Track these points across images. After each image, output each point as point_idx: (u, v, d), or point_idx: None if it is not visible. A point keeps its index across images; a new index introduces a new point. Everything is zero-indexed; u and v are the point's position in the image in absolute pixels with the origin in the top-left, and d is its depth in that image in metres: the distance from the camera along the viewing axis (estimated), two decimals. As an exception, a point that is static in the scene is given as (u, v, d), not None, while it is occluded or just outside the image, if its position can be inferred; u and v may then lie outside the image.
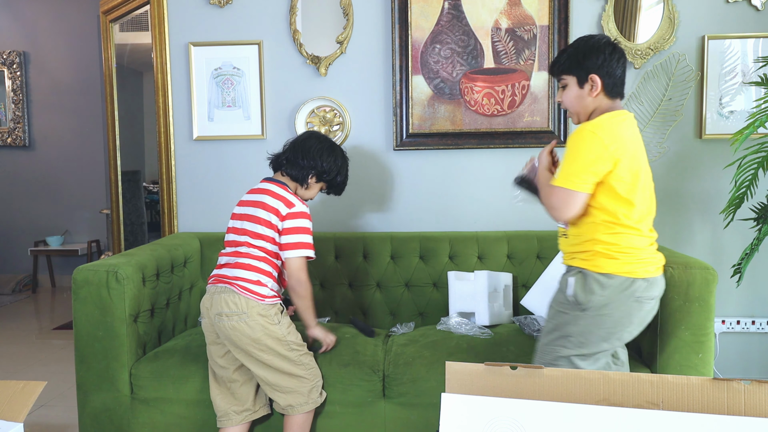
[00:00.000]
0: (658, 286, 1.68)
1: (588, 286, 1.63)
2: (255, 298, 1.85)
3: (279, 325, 1.88)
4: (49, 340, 3.86)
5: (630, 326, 1.66)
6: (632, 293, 1.62)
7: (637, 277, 1.62)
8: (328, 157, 2.00)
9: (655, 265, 1.67)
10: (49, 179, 5.46)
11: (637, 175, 1.62)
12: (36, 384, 1.53)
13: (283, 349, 1.87)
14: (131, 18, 3.17)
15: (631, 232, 1.63)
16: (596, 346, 1.66)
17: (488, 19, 2.64)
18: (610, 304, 1.63)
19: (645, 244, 1.66)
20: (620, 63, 1.68)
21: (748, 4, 2.60)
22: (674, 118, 2.64)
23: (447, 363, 0.99)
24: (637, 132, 1.70)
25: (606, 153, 1.58)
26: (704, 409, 0.90)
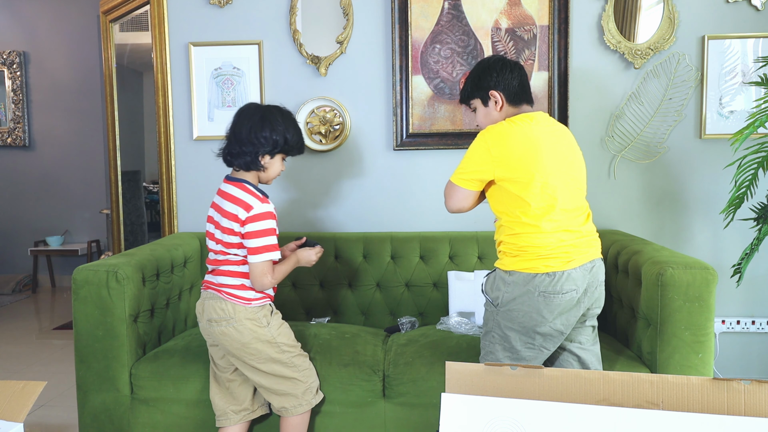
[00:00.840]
0: (571, 280, 1.67)
1: (495, 284, 1.76)
2: (241, 302, 1.82)
3: (268, 327, 1.85)
4: (49, 340, 3.86)
5: (544, 321, 1.68)
6: (535, 288, 1.67)
7: (538, 273, 1.67)
8: (264, 130, 1.82)
9: (562, 260, 1.67)
10: (49, 179, 5.46)
11: (530, 174, 1.67)
12: (36, 384, 1.53)
13: (273, 352, 1.85)
14: (131, 18, 3.17)
15: (531, 231, 1.69)
16: (518, 343, 1.73)
17: (488, 19, 2.64)
18: (516, 299, 1.70)
19: (548, 241, 1.68)
20: (514, 75, 1.82)
21: (748, 4, 2.60)
22: (674, 118, 2.64)
23: (447, 363, 0.99)
24: (539, 130, 1.73)
25: (487, 156, 1.71)
26: (704, 409, 0.90)
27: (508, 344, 1.74)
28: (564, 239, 1.69)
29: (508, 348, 1.75)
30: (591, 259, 1.73)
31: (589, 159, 2.66)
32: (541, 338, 1.71)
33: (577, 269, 1.69)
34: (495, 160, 1.70)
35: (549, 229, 1.68)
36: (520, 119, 1.75)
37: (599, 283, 1.77)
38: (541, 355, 1.75)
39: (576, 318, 1.74)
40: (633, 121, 2.65)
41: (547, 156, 1.70)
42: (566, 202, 1.71)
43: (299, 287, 2.60)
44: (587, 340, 1.84)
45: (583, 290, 1.71)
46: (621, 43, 2.61)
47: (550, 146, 1.72)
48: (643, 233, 2.68)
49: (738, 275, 2.31)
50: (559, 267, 1.67)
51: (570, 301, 1.69)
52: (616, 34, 2.61)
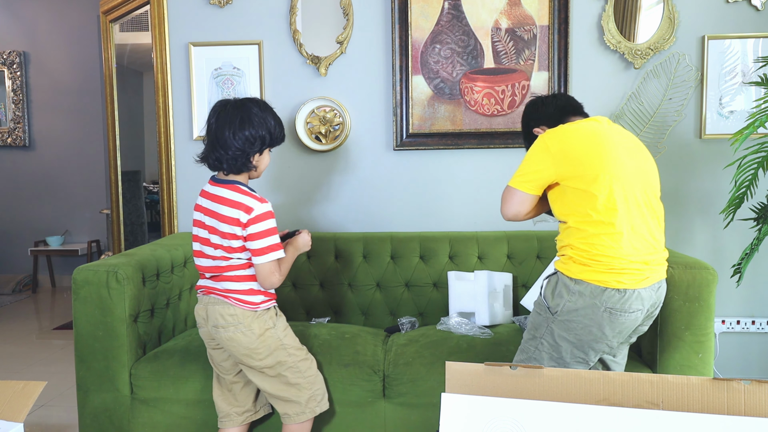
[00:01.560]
0: (640, 300, 1.58)
1: (557, 290, 1.64)
2: (250, 307, 1.80)
3: (275, 328, 1.84)
4: (49, 340, 3.86)
5: (603, 337, 1.60)
6: (602, 303, 1.56)
7: (608, 287, 1.56)
8: (245, 130, 1.76)
9: (636, 277, 1.57)
10: (49, 179, 5.46)
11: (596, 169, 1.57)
12: (36, 384, 1.53)
13: (281, 355, 1.83)
14: (131, 18, 3.17)
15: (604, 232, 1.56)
16: (568, 354, 1.63)
17: (488, 19, 2.64)
18: (579, 311, 1.59)
19: (624, 252, 1.56)
20: (547, 103, 1.83)
21: (748, 4, 2.60)
22: (674, 118, 2.64)
23: (447, 363, 0.99)
24: (602, 127, 1.67)
25: (547, 155, 1.63)
26: (704, 409, 0.90)
27: (557, 354, 1.65)
28: (639, 249, 1.58)
29: (556, 359, 1.65)
30: (659, 280, 1.64)
31: (589, 159, 2.66)
32: (593, 353, 1.63)
33: (647, 288, 1.59)
34: (555, 158, 1.61)
35: (623, 229, 1.56)
36: (581, 121, 1.70)
37: (659, 304, 1.68)
38: (588, 366, 1.67)
39: (628, 336, 1.68)
40: (633, 121, 2.65)
41: (615, 151, 1.60)
42: (640, 202, 1.60)
43: (299, 287, 2.60)
44: (622, 356, 1.78)
45: (647, 309, 1.63)
46: (621, 43, 2.61)
47: (616, 142, 1.63)
48: (643, 233, 2.68)
49: (738, 275, 2.31)
50: (632, 285, 1.56)
51: (634, 321, 1.60)
52: (616, 34, 2.61)
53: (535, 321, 1.71)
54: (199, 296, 1.87)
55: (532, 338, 1.70)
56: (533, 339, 1.70)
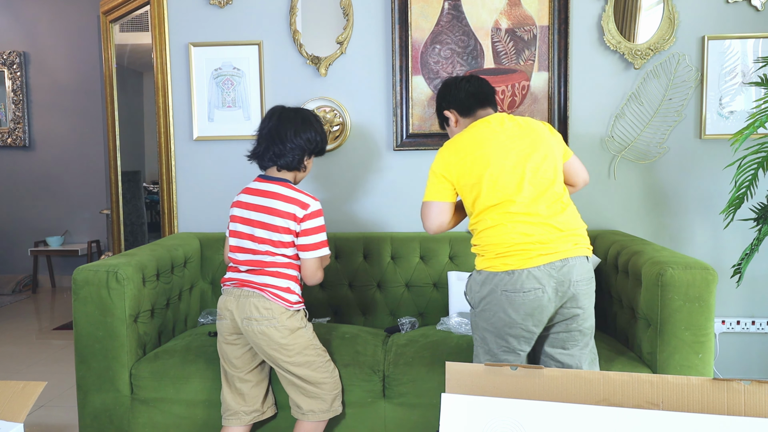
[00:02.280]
0: (533, 279, 1.64)
1: (469, 285, 1.79)
2: (285, 304, 1.84)
3: (305, 328, 1.89)
4: (49, 340, 3.86)
5: (513, 322, 1.68)
6: (496, 287, 1.68)
7: (498, 271, 1.68)
8: (307, 132, 1.91)
9: (521, 257, 1.66)
10: (49, 179, 5.46)
11: (479, 174, 1.72)
12: (36, 384, 1.53)
13: (311, 354, 1.88)
14: (131, 18, 3.17)
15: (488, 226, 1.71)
16: (494, 345, 1.73)
17: (488, 19, 2.64)
18: (485, 299, 1.71)
19: (505, 238, 1.68)
20: (460, 88, 1.90)
21: (748, 5, 2.60)
22: (674, 119, 2.64)
23: (447, 363, 0.99)
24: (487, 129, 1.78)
25: (442, 164, 1.79)
26: (704, 409, 0.90)
27: (486, 347, 1.76)
28: (527, 233, 1.67)
29: (488, 351, 1.75)
30: (562, 258, 1.67)
31: (589, 159, 2.66)
32: (514, 340, 1.71)
33: (540, 267, 1.65)
34: (447, 164, 1.77)
35: (503, 221, 1.69)
36: (472, 125, 1.82)
37: (572, 283, 1.68)
38: (519, 359, 1.74)
39: (546, 317, 1.69)
40: (633, 122, 2.65)
41: (496, 152, 1.73)
42: (521, 195, 1.70)
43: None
44: (572, 345, 1.75)
45: (553, 289, 1.66)
46: (621, 44, 2.61)
47: (500, 142, 1.75)
48: (643, 233, 2.68)
49: (738, 275, 2.31)
50: (519, 265, 1.66)
51: (535, 300, 1.65)
52: (616, 35, 2.61)
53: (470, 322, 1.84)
54: (227, 289, 1.90)
55: (474, 339, 1.82)
56: (474, 340, 1.82)
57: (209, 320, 2.47)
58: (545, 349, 1.79)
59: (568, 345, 1.76)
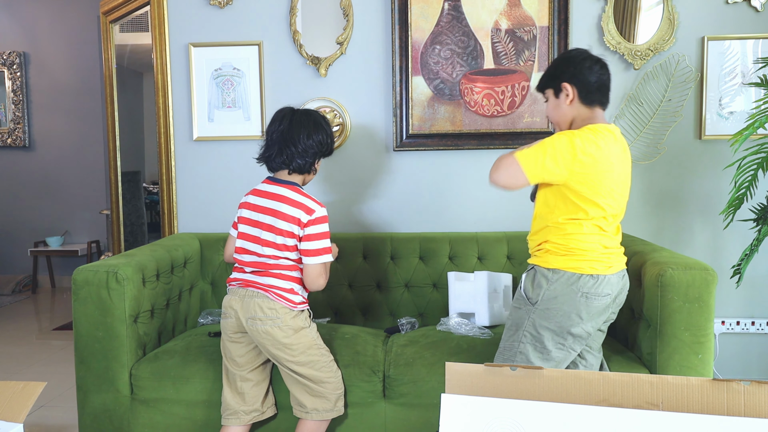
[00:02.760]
0: (610, 285, 1.73)
1: (536, 281, 1.75)
2: (289, 305, 1.85)
3: (309, 328, 1.91)
4: (48, 340, 3.86)
5: (580, 321, 1.72)
6: (578, 288, 1.70)
7: (583, 273, 1.71)
8: (319, 134, 1.90)
9: (605, 264, 1.73)
10: (49, 180, 5.46)
11: (599, 192, 1.69)
12: (36, 384, 1.52)
13: (315, 353, 1.89)
14: (131, 18, 3.17)
15: (582, 233, 1.72)
16: (550, 342, 1.74)
17: (488, 19, 2.64)
18: (558, 298, 1.72)
19: (595, 245, 1.73)
20: (593, 70, 1.75)
21: (747, 5, 2.60)
22: (674, 119, 2.64)
23: (447, 364, 0.99)
24: (616, 145, 1.74)
25: (573, 161, 1.65)
26: (704, 409, 0.90)
27: (540, 344, 1.75)
28: (607, 245, 1.75)
29: (540, 348, 1.75)
30: (623, 268, 1.80)
31: (588, 160, 2.66)
32: (572, 339, 1.74)
33: (615, 275, 1.75)
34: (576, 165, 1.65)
35: (597, 233, 1.74)
36: (604, 133, 1.69)
37: (625, 291, 1.82)
38: (569, 357, 1.77)
39: (601, 322, 1.79)
40: (633, 122, 2.65)
41: (617, 176, 1.73)
42: (616, 214, 1.78)
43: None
44: (598, 347, 1.89)
45: (616, 294, 1.77)
46: (621, 44, 2.61)
47: (620, 166, 1.75)
48: (643, 234, 2.68)
49: (738, 276, 2.31)
50: (603, 270, 1.73)
51: (605, 304, 1.74)
52: (615, 35, 2.61)
53: (515, 317, 1.81)
54: (233, 288, 1.92)
55: (514, 334, 1.79)
56: (515, 334, 1.79)
57: (209, 320, 2.47)
58: None
59: (595, 345, 1.87)
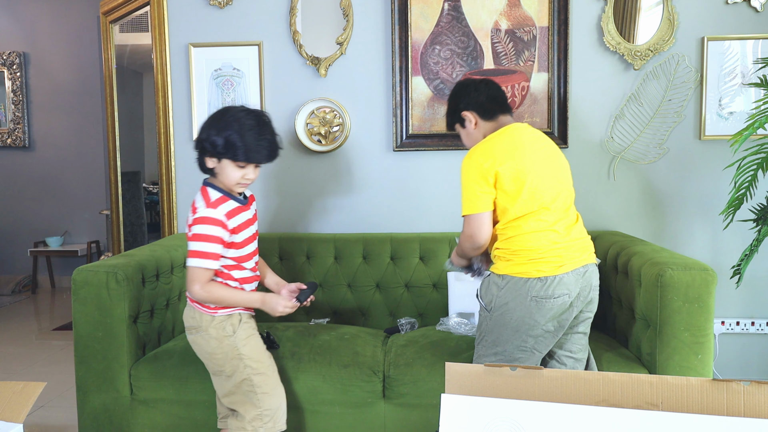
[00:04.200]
0: (563, 285, 1.69)
1: (489, 288, 1.77)
2: (207, 311, 1.77)
3: (233, 336, 1.77)
4: (48, 340, 3.86)
5: (537, 325, 1.70)
6: (527, 293, 1.68)
7: (530, 277, 1.68)
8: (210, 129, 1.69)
9: (554, 264, 1.69)
10: (49, 180, 5.46)
11: (520, 179, 1.70)
12: (35, 385, 1.52)
13: (237, 365, 1.77)
14: (131, 19, 3.17)
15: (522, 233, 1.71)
16: (509, 344, 1.73)
17: (488, 20, 2.64)
18: (509, 303, 1.71)
19: (539, 244, 1.69)
20: (480, 91, 1.87)
21: (747, 6, 2.60)
22: (674, 119, 2.64)
23: (447, 364, 0.99)
24: (522, 137, 1.78)
25: (481, 170, 1.73)
26: (704, 410, 0.90)
27: (500, 348, 1.75)
28: (555, 240, 1.71)
29: (501, 352, 1.75)
30: (584, 264, 1.75)
31: (588, 160, 2.66)
32: (533, 340, 1.72)
33: (569, 274, 1.70)
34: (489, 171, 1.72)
35: (539, 228, 1.71)
36: (507, 130, 1.81)
37: (592, 288, 1.78)
38: (533, 357, 1.75)
39: (568, 321, 1.75)
40: (633, 123, 2.65)
41: (535, 160, 1.74)
42: (554, 204, 1.74)
43: (299, 288, 2.60)
44: (578, 349, 1.84)
45: (576, 294, 1.73)
46: (621, 45, 2.61)
47: (535, 150, 1.77)
48: (643, 234, 2.68)
49: (737, 276, 2.31)
50: (551, 272, 1.69)
51: (562, 305, 1.71)
52: (615, 36, 2.61)
53: (479, 324, 1.82)
54: None
55: (481, 340, 1.80)
56: (482, 340, 1.80)
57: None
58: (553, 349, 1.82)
59: (575, 348, 1.83)
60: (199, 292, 1.71)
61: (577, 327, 1.81)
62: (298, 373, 2.01)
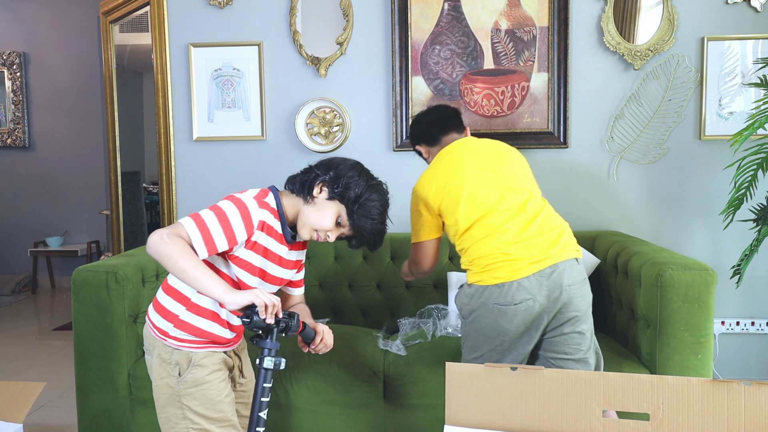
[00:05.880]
0: (524, 290, 1.61)
1: (460, 297, 1.77)
2: (156, 333, 1.43)
3: (178, 378, 1.39)
4: (48, 340, 3.86)
5: (506, 331, 1.65)
6: (487, 300, 1.66)
7: (488, 284, 1.65)
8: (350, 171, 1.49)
9: (508, 269, 1.62)
10: (49, 180, 5.46)
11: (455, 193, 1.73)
12: (35, 385, 1.52)
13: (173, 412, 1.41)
14: (131, 19, 3.17)
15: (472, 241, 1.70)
16: (485, 348, 1.71)
17: (488, 20, 2.64)
18: (476, 311, 1.69)
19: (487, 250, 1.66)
20: (420, 122, 1.96)
21: (747, 6, 2.60)
22: (674, 119, 2.64)
23: (447, 364, 0.99)
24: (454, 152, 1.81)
25: (416, 201, 1.82)
26: (704, 410, 0.90)
27: (479, 353, 1.73)
28: (507, 242, 1.64)
29: (480, 357, 1.73)
30: (550, 264, 1.63)
31: (588, 160, 2.66)
32: (508, 342, 1.68)
33: (529, 277, 1.61)
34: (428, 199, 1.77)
35: (486, 233, 1.67)
36: (439, 153, 1.86)
37: (564, 288, 1.63)
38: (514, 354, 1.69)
39: (542, 325, 1.66)
40: (633, 123, 2.65)
41: (469, 169, 1.75)
42: (501, 205, 1.69)
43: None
44: (574, 350, 1.71)
45: (545, 297, 1.62)
46: (620, 45, 2.61)
47: (471, 159, 1.78)
48: (643, 234, 2.68)
49: (737, 276, 2.31)
50: (507, 277, 1.62)
51: (528, 310, 1.62)
52: (615, 36, 2.61)
53: (461, 329, 1.82)
54: None
55: (463, 345, 1.80)
56: (463, 345, 1.80)
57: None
58: (546, 354, 1.73)
59: (569, 349, 1.71)
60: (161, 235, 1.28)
61: (561, 328, 1.68)
62: (298, 373, 2.01)
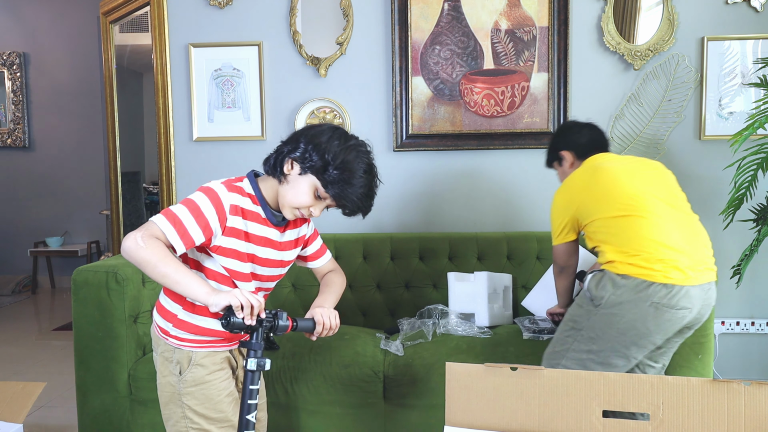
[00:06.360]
0: (688, 298, 1.56)
1: (602, 283, 1.63)
2: (160, 334, 1.43)
3: (179, 377, 1.39)
4: (48, 341, 3.86)
5: (648, 333, 1.58)
6: (646, 297, 1.55)
7: (655, 281, 1.55)
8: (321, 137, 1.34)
9: (683, 273, 1.57)
10: (49, 180, 5.46)
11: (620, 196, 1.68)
12: (35, 385, 1.53)
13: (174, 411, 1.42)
14: (131, 19, 3.17)
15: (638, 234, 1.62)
16: (608, 345, 1.61)
17: (488, 20, 2.64)
18: (623, 304, 1.58)
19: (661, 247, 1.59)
20: (583, 133, 1.93)
21: (747, 6, 2.60)
22: (674, 119, 2.64)
23: (447, 364, 0.99)
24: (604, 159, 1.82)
25: (566, 203, 1.80)
26: (704, 410, 0.90)
27: (596, 347, 1.63)
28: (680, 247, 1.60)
29: (596, 351, 1.63)
30: (709, 281, 1.63)
31: (588, 160, 2.66)
32: (635, 349, 1.61)
33: (695, 287, 1.57)
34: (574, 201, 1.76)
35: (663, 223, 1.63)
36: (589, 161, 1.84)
37: (708, 307, 1.65)
38: (630, 364, 1.64)
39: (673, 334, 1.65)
40: (633, 123, 2.65)
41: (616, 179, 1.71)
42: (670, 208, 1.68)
43: (298, 288, 2.60)
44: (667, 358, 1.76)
45: (697, 310, 1.60)
46: (620, 45, 2.61)
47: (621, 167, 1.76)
48: (643, 234, 2.68)
49: (737, 276, 2.31)
50: (680, 281, 1.55)
51: (681, 319, 1.58)
52: (615, 36, 2.61)
53: (574, 314, 1.71)
54: None
55: (570, 329, 1.70)
56: (571, 330, 1.69)
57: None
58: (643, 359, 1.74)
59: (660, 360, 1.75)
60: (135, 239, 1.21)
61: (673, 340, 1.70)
62: (298, 373, 2.01)
